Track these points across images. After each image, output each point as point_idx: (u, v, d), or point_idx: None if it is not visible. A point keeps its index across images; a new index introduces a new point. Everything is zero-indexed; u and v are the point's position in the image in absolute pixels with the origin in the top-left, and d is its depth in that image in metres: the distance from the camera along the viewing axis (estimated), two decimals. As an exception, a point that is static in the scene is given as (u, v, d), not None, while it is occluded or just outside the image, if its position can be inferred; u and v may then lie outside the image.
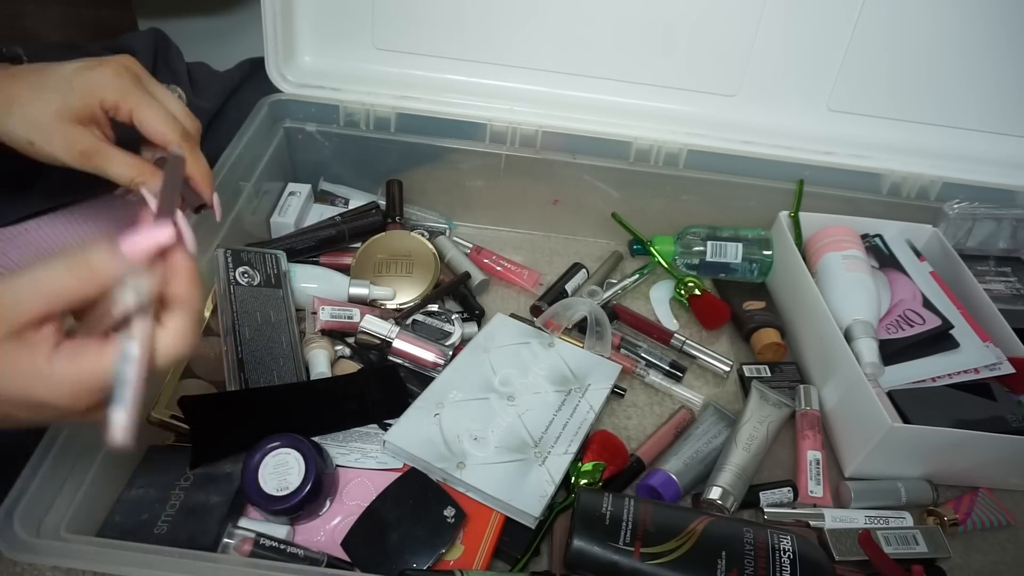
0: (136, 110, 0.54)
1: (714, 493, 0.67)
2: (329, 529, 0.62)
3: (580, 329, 0.84)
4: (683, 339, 0.85)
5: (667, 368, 0.82)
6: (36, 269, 0.36)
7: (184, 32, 0.99)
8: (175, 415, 0.64)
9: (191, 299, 0.40)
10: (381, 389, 0.71)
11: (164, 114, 0.55)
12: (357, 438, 0.69)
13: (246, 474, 0.59)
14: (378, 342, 0.75)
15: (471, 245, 0.94)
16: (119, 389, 0.37)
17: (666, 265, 0.93)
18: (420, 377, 0.75)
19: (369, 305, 0.82)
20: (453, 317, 0.80)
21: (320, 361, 0.73)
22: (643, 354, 0.83)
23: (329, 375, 0.73)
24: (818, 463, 0.72)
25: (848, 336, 0.75)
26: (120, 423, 0.36)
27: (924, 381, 0.75)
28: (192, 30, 1.25)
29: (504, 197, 0.96)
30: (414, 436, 0.67)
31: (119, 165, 0.53)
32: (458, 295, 0.87)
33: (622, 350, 0.83)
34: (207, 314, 0.73)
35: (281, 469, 0.59)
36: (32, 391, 0.37)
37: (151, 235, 0.38)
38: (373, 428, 0.70)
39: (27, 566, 0.59)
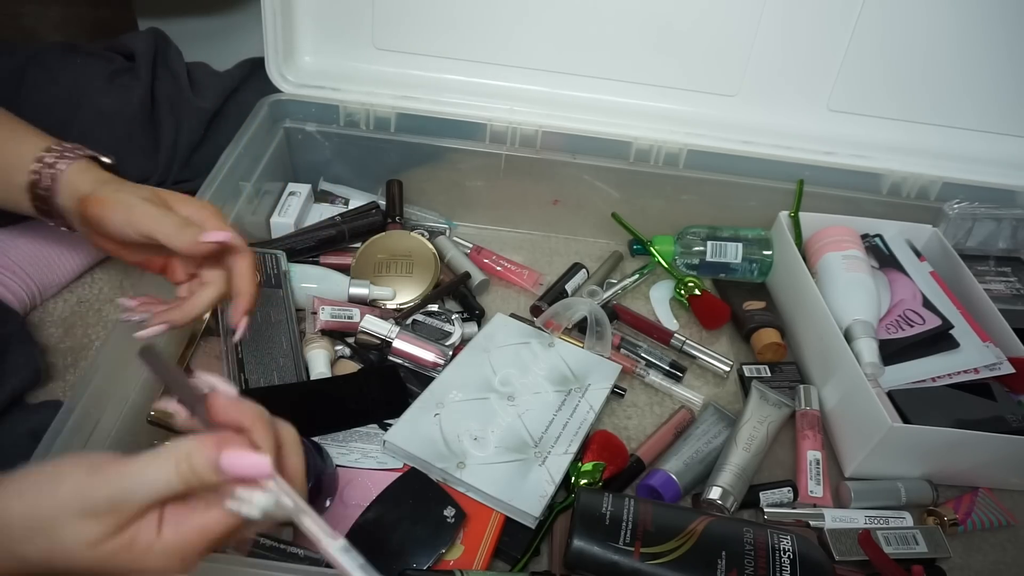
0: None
1: (714, 493, 0.67)
2: (329, 529, 0.62)
3: (580, 329, 0.84)
4: (683, 339, 0.85)
5: (667, 368, 0.82)
6: (143, 462, 0.38)
7: (184, 32, 0.98)
8: (175, 415, 0.64)
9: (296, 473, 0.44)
10: (381, 389, 0.71)
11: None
12: (357, 438, 0.69)
13: (246, 474, 0.59)
14: (378, 342, 0.75)
15: (471, 245, 0.94)
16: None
17: (666, 265, 0.93)
18: (420, 377, 0.75)
19: (369, 305, 0.82)
20: (453, 317, 0.80)
21: (320, 361, 0.73)
22: (643, 354, 0.83)
23: (329, 375, 0.73)
24: (818, 463, 0.72)
25: (848, 336, 0.75)
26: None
27: (924, 381, 0.75)
28: (192, 30, 1.24)
29: (504, 197, 0.96)
30: (414, 436, 0.67)
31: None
32: (458, 295, 0.87)
33: (622, 350, 0.83)
34: (207, 314, 0.73)
35: (281, 469, 0.59)
36: (144, 565, 0.38)
37: (253, 464, 0.39)
38: (373, 428, 0.70)
39: (27, 566, 0.59)
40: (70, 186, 0.58)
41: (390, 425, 0.68)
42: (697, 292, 0.89)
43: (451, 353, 0.77)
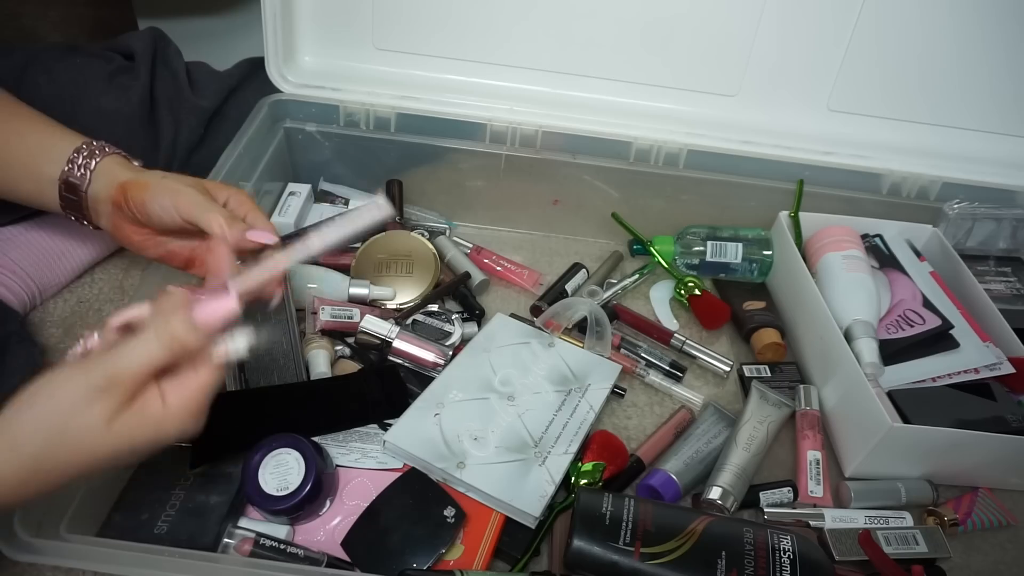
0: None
1: (714, 493, 0.67)
2: (329, 529, 0.62)
3: (580, 329, 0.84)
4: (683, 339, 0.85)
5: (667, 368, 0.82)
6: (129, 341, 0.43)
7: (184, 32, 0.98)
8: (175, 415, 0.64)
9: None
10: (381, 389, 0.71)
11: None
12: (357, 438, 0.69)
13: (246, 474, 0.59)
14: (378, 342, 0.75)
15: (471, 245, 0.94)
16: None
17: (666, 265, 0.93)
18: (420, 377, 0.75)
19: (369, 305, 0.82)
20: (453, 317, 0.80)
21: (320, 361, 0.73)
22: (643, 354, 0.83)
23: (329, 375, 0.73)
24: (818, 463, 0.72)
25: (848, 336, 0.75)
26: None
27: (924, 381, 0.75)
28: (192, 30, 1.24)
29: (504, 197, 0.96)
30: (414, 436, 0.67)
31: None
32: (458, 295, 0.87)
33: (622, 350, 0.83)
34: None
35: (281, 469, 0.59)
36: (164, 431, 0.43)
37: (219, 307, 0.45)
38: (373, 428, 0.70)
39: (27, 566, 0.59)
40: (107, 175, 0.60)
41: (390, 425, 0.68)
42: (697, 292, 0.89)
43: (451, 353, 0.77)
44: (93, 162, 0.60)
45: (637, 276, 0.93)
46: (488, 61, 0.91)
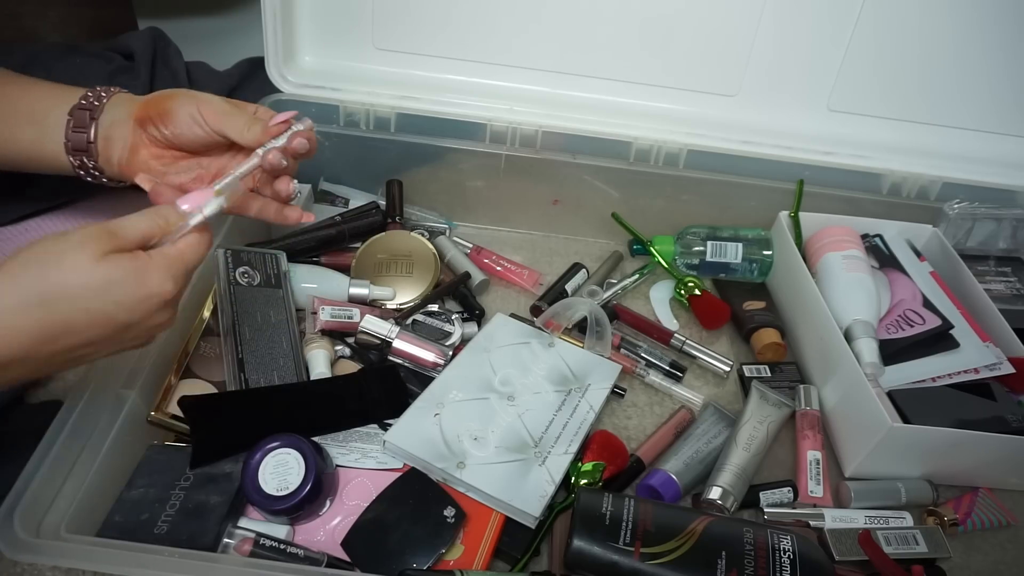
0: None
1: (714, 493, 0.67)
2: (329, 529, 0.62)
3: (580, 329, 0.84)
4: (683, 339, 0.85)
5: (667, 368, 0.82)
6: (130, 217, 0.49)
7: (184, 32, 0.98)
8: (175, 415, 0.64)
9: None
10: (381, 389, 0.71)
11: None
12: (357, 438, 0.69)
13: (246, 474, 0.59)
14: (378, 342, 0.75)
15: (471, 245, 0.94)
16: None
17: (666, 265, 0.93)
18: (420, 377, 0.75)
19: (369, 305, 0.82)
20: (453, 317, 0.80)
21: (320, 361, 0.73)
22: (643, 354, 0.83)
23: (329, 375, 0.73)
24: (818, 463, 0.72)
25: (848, 336, 0.75)
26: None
27: (924, 381, 0.75)
28: (192, 30, 1.24)
29: (504, 197, 0.96)
30: (414, 436, 0.67)
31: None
32: (458, 295, 0.87)
33: (622, 350, 0.83)
34: (207, 314, 0.73)
35: (281, 469, 0.59)
36: (145, 283, 0.47)
37: (199, 195, 0.51)
38: (373, 428, 0.70)
39: (27, 566, 0.59)
40: (122, 103, 0.61)
41: (390, 425, 0.68)
42: (697, 292, 0.89)
43: (451, 353, 0.77)
44: (106, 96, 0.61)
45: (637, 276, 0.93)
46: (488, 61, 0.91)
